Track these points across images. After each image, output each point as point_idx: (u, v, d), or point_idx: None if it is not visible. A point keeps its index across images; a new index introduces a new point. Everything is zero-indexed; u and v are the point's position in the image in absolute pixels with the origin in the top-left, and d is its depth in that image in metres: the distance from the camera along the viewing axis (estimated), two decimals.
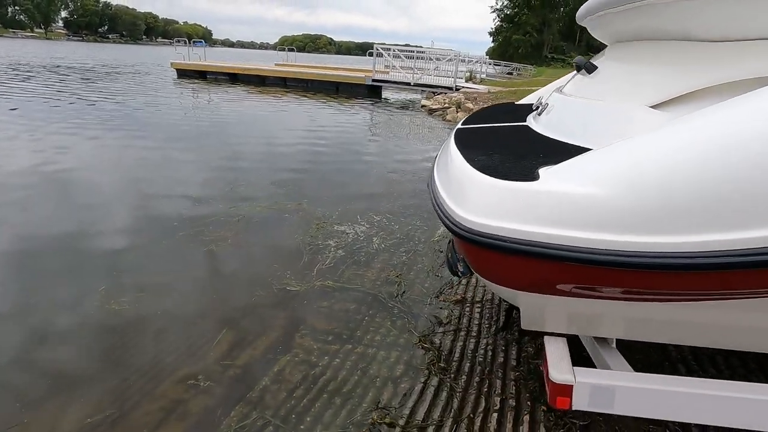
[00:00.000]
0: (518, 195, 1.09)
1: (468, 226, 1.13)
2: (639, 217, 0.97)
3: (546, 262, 1.07)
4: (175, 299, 2.62)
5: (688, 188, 0.95)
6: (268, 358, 2.15)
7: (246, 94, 14.18)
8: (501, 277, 1.29)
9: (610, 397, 1.24)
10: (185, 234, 3.46)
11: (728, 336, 1.27)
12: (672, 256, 0.94)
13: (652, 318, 1.24)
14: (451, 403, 1.87)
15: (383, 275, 3.00)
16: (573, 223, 1.02)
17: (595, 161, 1.09)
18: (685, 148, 0.98)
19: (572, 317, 1.36)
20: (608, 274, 1.04)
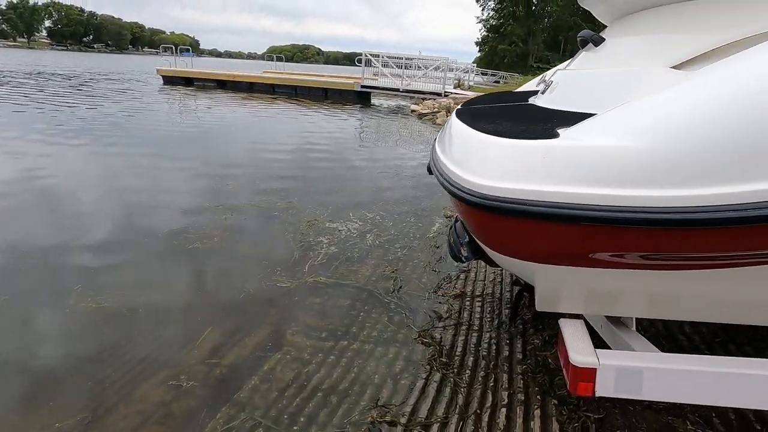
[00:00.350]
0: (538, 153, 0.98)
1: (482, 191, 1.02)
2: (676, 169, 0.87)
3: (570, 226, 0.96)
4: (156, 298, 2.45)
5: (728, 134, 0.85)
6: (258, 357, 1.99)
7: (234, 101, 13.99)
8: (518, 249, 1.17)
9: (638, 381, 1.12)
10: (168, 232, 3.29)
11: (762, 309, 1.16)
12: (713, 209, 0.84)
13: (679, 289, 1.12)
14: (456, 399, 1.74)
15: (378, 271, 2.87)
16: (603, 180, 0.91)
17: (622, 116, 0.99)
18: (720, 93, 0.89)
19: (592, 294, 1.23)
20: (641, 235, 0.93)
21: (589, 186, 0.92)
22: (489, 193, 1.01)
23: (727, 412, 1.63)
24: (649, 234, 0.93)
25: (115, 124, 8.27)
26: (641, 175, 0.89)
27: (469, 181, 1.08)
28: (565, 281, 1.19)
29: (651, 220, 0.88)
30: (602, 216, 0.91)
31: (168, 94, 14.92)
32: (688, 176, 0.87)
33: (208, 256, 2.97)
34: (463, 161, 1.18)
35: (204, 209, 3.83)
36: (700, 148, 0.87)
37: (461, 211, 1.30)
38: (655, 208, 0.88)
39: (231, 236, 3.30)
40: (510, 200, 0.98)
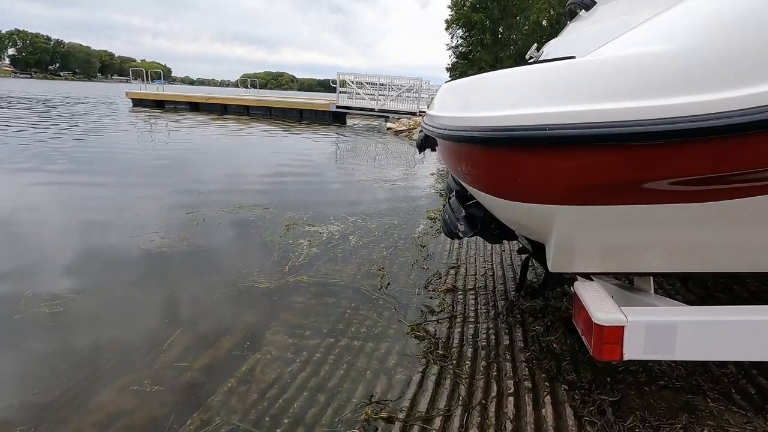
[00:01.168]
0: (558, 73, 0.87)
1: (491, 124, 0.90)
2: (720, 68, 0.76)
3: (606, 148, 0.82)
4: (120, 303, 2.20)
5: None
6: (234, 358, 1.78)
7: (208, 123, 13.73)
8: (534, 190, 1.03)
9: (671, 339, 0.99)
10: (135, 238, 3.04)
11: None
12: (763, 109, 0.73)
13: (721, 228, 0.99)
14: (458, 390, 1.58)
15: (364, 269, 2.70)
16: (642, 90, 0.79)
17: (645, 30, 0.89)
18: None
19: (611, 246, 1.09)
20: (682, 152, 0.81)
21: (625, 99, 0.80)
22: (498, 124, 0.89)
23: (747, 387, 1.54)
24: (693, 149, 0.81)
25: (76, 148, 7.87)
26: (688, 78, 0.78)
27: (471, 117, 0.95)
28: (587, 227, 1.06)
29: (693, 129, 0.76)
30: (642, 131, 0.78)
31: (137, 117, 14.52)
32: (740, 74, 0.76)
33: (177, 260, 2.73)
34: (464, 104, 1.06)
35: (174, 217, 3.59)
36: (746, 43, 0.76)
37: (462, 162, 1.17)
38: (702, 115, 0.76)
39: (203, 240, 3.07)
40: (525, 128, 0.86)
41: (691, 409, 1.41)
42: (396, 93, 17.09)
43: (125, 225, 3.32)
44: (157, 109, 17.10)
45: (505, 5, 40.28)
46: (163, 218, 3.53)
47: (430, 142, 1.81)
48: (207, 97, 18.06)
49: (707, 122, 0.76)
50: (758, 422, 1.34)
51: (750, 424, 1.34)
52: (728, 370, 1.63)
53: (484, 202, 1.34)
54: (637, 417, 1.38)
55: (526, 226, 1.23)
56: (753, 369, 1.64)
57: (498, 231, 1.53)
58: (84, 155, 6.49)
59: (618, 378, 1.58)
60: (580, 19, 1.71)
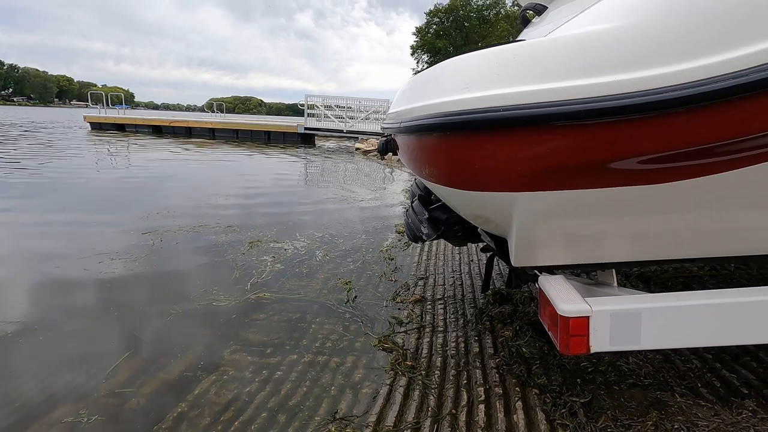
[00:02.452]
0: (510, 53, 0.85)
1: (445, 110, 0.87)
2: (675, 39, 0.76)
3: (559, 129, 0.80)
4: (58, 328, 2.01)
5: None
6: (186, 381, 1.64)
7: (171, 146, 13.35)
8: (492, 176, 0.99)
9: (636, 328, 0.96)
10: (82, 259, 2.83)
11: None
12: (722, 78, 0.72)
13: (688, 211, 0.97)
14: (427, 401, 1.50)
15: (330, 284, 2.61)
16: (593, 67, 0.78)
17: (595, 10, 0.89)
18: None
19: (574, 235, 1.07)
20: (641, 129, 0.79)
21: (579, 77, 0.79)
22: (452, 109, 0.86)
23: (713, 381, 1.54)
24: (654, 125, 0.79)
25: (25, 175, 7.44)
26: (642, 52, 0.77)
27: (426, 105, 0.92)
28: (547, 217, 1.03)
29: (652, 103, 0.75)
30: (597, 108, 0.76)
31: (97, 141, 13.95)
32: (696, 44, 0.76)
33: (128, 282, 2.54)
34: (418, 95, 1.04)
35: (128, 238, 3.38)
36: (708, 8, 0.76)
37: (421, 155, 1.14)
38: (660, 89, 0.75)
39: (158, 260, 2.90)
40: (478, 110, 0.83)
41: (661, 406, 1.39)
42: (364, 115, 17.29)
43: (72, 248, 3.09)
44: (117, 133, 16.53)
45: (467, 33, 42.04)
46: (115, 240, 3.32)
47: (391, 146, 1.78)
48: (170, 120, 17.65)
49: (659, 96, 0.76)
50: (725, 414, 1.34)
51: (718, 416, 1.33)
52: (693, 365, 1.64)
53: (445, 197, 1.30)
54: (608, 417, 1.34)
55: (487, 219, 1.20)
56: (717, 363, 1.66)
57: (461, 233, 1.50)
58: (28, 182, 6.11)
59: (588, 379, 1.55)
60: (532, 25, 1.75)
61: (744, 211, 0.95)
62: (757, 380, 1.53)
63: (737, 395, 1.44)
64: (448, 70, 0.95)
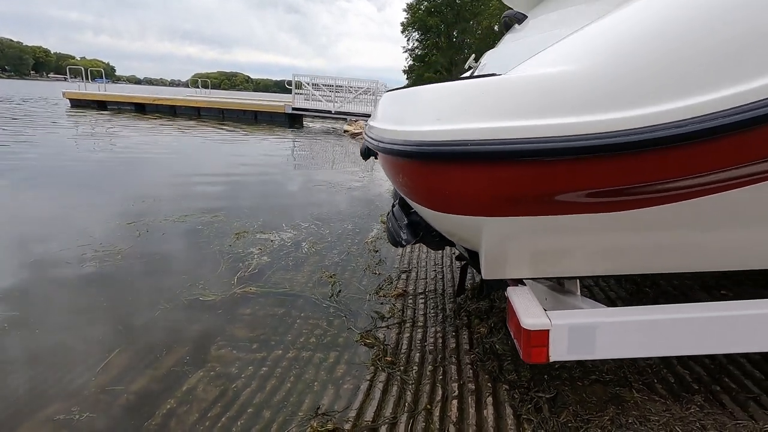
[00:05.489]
0: (477, 89, 0.91)
1: (416, 138, 0.93)
2: (630, 88, 0.83)
3: (521, 164, 0.88)
4: (45, 324, 2.05)
5: (669, 46, 0.83)
6: (174, 377, 1.71)
7: (155, 125, 13.09)
8: (461, 202, 1.07)
9: (591, 339, 1.06)
10: (67, 252, 2.84)
11: (737, 250, 1.09)
12: (664, 127, 0.80)
13: (633, 233, 1.07)
14: (404, 396, 1.60)
15: (315, 277, 2.68)
16: (551, 109, 0.84)
17: (557, 49, 0.95)
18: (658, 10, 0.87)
19: (542, 248, 1.16)
20: (594, 167, 0.87)
21: (536, 117, 0.85)
22: (425, 139, 0.92)
23: (668, 376, 1.66)
24: (605, 163, 0.87)
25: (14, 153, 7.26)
26: (589, 99, 0.84)
27: (403, 131, 0.98)
28: (514, 237, 1.12)
29: (599, 146, 0.83)
30: (551, 148, 0.84)
31: (78, 118, 13.58)
32: (641, 94, 0.83)
33: (115, 275, 2.58)
34: (396, 116, 1.09)
35: (113, 228, 3.39)
36: (649, 65, 0.83)
37: (399, 174, 1.20)
38: (607, 133, 0.82)
39: (144, 252, 2.92)
40: (449, 143, 0.89)
41: (619, 401, 1.51)
42: (353, 95, 17.09)
43: (56, 238, 3.09)
44: (98, 111, 16.09)
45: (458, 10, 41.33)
46: (99, 230, 3.32)
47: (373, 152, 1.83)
48: (154, 98, 17.21)
49: (606, 140, 0.83)
50: (675, 409, 1.46)
51: (668, 411, 1.45)
52: (652, 361, 1.76)
53: (420, 212, 1.37)
54: (570, 412, 1.45)
55: (459, 237, 1.27)
56: (673, 359, 1.79)
57: (439, 238, 1.57)
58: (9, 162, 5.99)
59: (554, 375, 1.66)
60: (514, 31, 1.79)
61: (678, 235, 1.06)
62: (708, 376, 1.66)
63: (688, 391, 1.57)
64: (424, 99, 1.00)
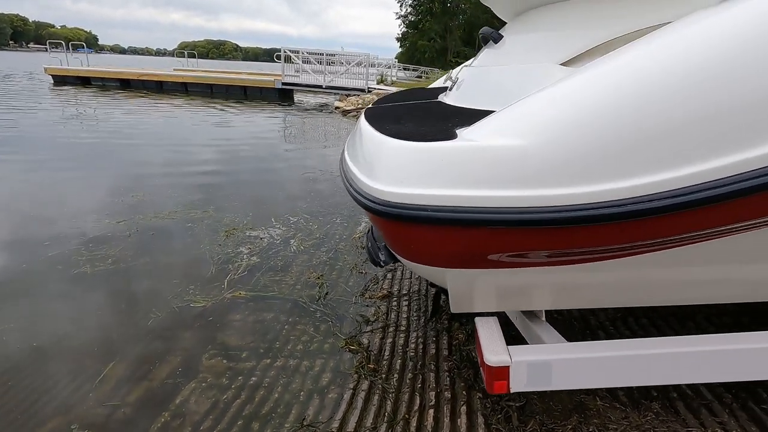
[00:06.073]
0: (435, 155, 0.96)
1: (384, 198, 0.98)
2: (567, 167, 0.89)
3: (473, 230, 0.95)
4: (43, 335, 2.13)
5: (613, 130, 0.88)
6: (168, 389, 1.81)
7: (141, 102, 12.82)
8: (426, 256, 1.16)
9: (548, 373, 1.16)
10: (56, 255, 2.89)
11: (661, 291, 1.27)
12: (603, 205, 0.87)
13: (583, 281, 1.19)
14: (385, 405, 1.71)
15: (303, 278, 2.76)
16: (499, 181, 0.91)
17: (512, 115, 1.00)
18: (599, 91, 0.92)
19: (502, 292, 1.26)
20: (539, 235, 0.95)
21: (485, 188, 0.92)
22: (391, 200, 0.97)
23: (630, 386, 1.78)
24: (547, 233, 0.95)
25: None
26: (532, 174, 0.91)
27: (371, 188, 1.03)
28: (475, 283, 1.20)
29: (547, 219, 0.89)
30: (499, 219, 0.91)
31: (62, 96, 13.25)
32: (575, 174, 0.89)
33: (107, 280, 2.64)
34: (366, 167, 1.13)
35: (101, 224, 3.42)
36: (585, 146, 0.89)
37: (370, 217, 1.26)
38: (546, 208, 0.89)
39: (135, 255, 2.98)
40: (411, 206, 0.95)
41: (582, 409, 1.63)
42: (344, 68, 16.74)
43: (48, 239, 3.13)
44: (82, 87, 15.68)
45: None
46: (90, 229, 3.36)
47: None
48: (140, 74, 16.78)
49: (541, 215, 0.91)
50: (634, 417, 1.58)
51: (627, 419, 1.57)
52: None
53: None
54: (536, 421, 1.57)
55: (427, 278, 1.35)
56: None
57: None
58: None
59: None
60: (491, 47, 1.80)
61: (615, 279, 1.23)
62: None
63: (647, 398, 1.69)
64: (390, 158, 1.05)
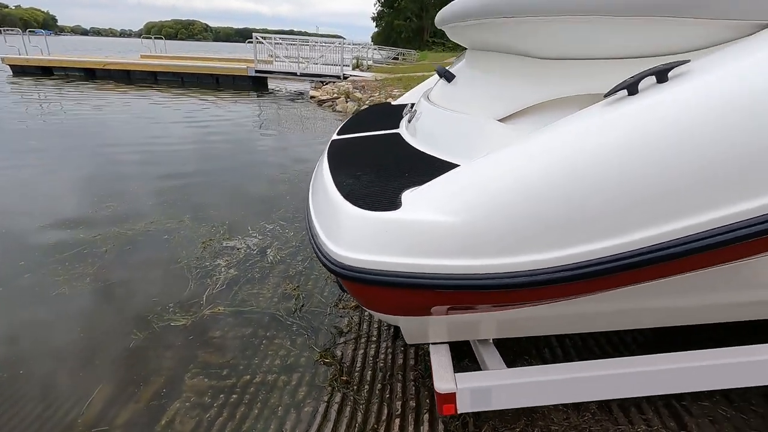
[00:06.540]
0: (382, 226, 1.10)
1: (341, 262, 1.12)
2: (493, 242, 1.04)
3: (417, 291, 1.10)
4: (28, 361, 2.21)
5: (531, 212, 1.03)
6: (154, 411, 1.94)
7: (108, 93, 12.42)
8: (378, 307, 1.32)
9: (488, 397, 1.35)
10: (32, 276, 2.93)
11: (585, 323, 1.49)
12: (523, 274, 1.03)
13: (522, 317, 1.36)
14: (356, 416, 1.89)
15: (280, 290, 2.89)
16: (435, 252, 1.06)
17: (447, 188, 1.14)
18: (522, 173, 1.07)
19: (451, 328, 1.45)
20: (474, 295, 1.11)
21: (424, 257, 1.06)
22: (346, 264, 1.11)
23: None
24: (480, 294, 1.11)
25: None
26: (460, 248, 1.06)
27: (331, 251, 1.17)
28: (426, 324, 1.38)
29: (477, 285, 1.05)
30: (437, 284, 1.06)
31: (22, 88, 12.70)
32: (497, 248, 1.05)
33: (87, 301, 2.72)
34: (326, 228, 1.27)
35: (77, 239, 3.45)
36: (504, 225, 1.04)
37: None
38: (480, 275, 1.05)
39: (113, 272, 3.04)
40: (362, 270, 1.09)
41: (530, 412, 1.84)
42: (318, 54, 16.52)
43: (19, 257, 3.16)
44: (45, 79, 15.03)
45: None
46: (64, 245, 3.39)
47: None
48: (105, 63, 16.16)
49: (467, 281, 1.07)
50: (573, 417, 1.80)
51: (567, 420, 1.79)
52: None
53: None
54: (489, 426, 1.78)
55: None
56: None
57: None
58: None
59: None
60: (444, 84, 1.92)
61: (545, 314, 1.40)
62: None
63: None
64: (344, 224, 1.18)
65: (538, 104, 1.41)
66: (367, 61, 22.25)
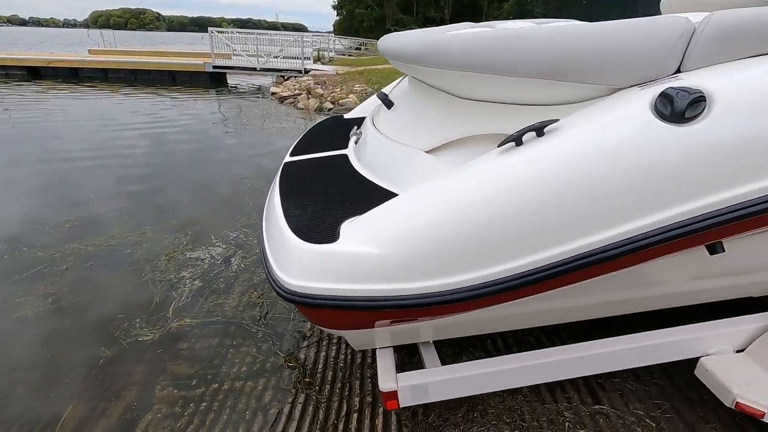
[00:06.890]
0: (321, 257, 1.29)
1: (289, 289, 1.30)
2: (421, 267, 1.25)
3: (360, 311, 1.30)
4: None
5: (451, 239, 1.24)
6: (126, 424, 2.06)
7: (55, 95, 11.83)
8: (326, 324, 1.52)
9: (425, 391, 1.59)
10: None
11: (507, 323, 1.75)
12: (448, 293, 1.24)
13: (455, 323, 1.59)
14: (318, 414, 2.08)
15: (245, 299, 3.03)
16: (370, 278, 1.25)
17: (378, 219, 1.34)
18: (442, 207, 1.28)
19: (394, 335, 1.67)
20: (410, 312, 1.32)
21: (361, 283, 1.26)
22: (294, 291, 1.30)
23: None
24: (413, 311, 1.32)
25: None
26: (389, 274, 1.26)
27: (280, 279, 1.34)
28: (371, 335, 1.59)
29: (409, 305, 1.26)
30: (375, 305, 1.26)
31: None
32: (419, 273, 1.26)
33: (52, 321, 2.77)
34: (275, 257, 1.44)
35: (35, 258, 3.44)
36: (427, 252, 1.25)
37: None
38: (406, 296, 1.25)
39: (76, 291, 3.08)
40: (307, 296, 1.28)
41: (471, 399, 2.09)
42: (279, 48, 16.28)
43: None
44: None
45: None
46: (22, 264, 3.37)
47: None
48: (49, 60, 15.30)
49: (399, 302, 1.28)
50: (508, 401, 2.07)
51: (503, 403, 2.06)
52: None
53: None
54: (436, 413, 2.02)
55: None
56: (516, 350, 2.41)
57: None
58: None
59: None
60: (384, 111, 2.10)
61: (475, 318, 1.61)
62: None
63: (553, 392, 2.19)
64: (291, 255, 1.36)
65: (461, 139, 1.63)
66: (328, 53, 22.07)
